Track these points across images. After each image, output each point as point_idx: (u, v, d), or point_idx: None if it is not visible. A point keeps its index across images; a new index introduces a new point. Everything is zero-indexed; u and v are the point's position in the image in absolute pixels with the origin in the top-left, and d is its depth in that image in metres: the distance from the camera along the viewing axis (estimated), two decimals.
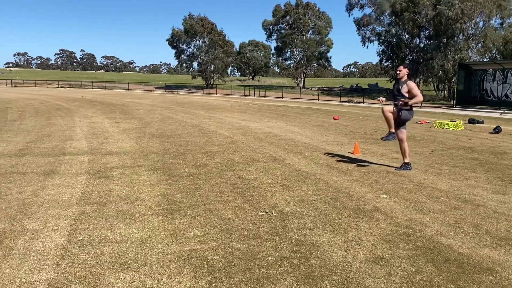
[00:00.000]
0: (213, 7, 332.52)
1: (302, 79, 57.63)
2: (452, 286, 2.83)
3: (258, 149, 8.35)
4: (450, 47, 33.32)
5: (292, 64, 58.81)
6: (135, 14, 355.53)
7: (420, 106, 26.35)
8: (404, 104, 6.27)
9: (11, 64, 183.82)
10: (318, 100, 35.96)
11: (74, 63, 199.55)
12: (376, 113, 20.02)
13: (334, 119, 15.99)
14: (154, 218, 4.10)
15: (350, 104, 30.97)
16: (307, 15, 55.91)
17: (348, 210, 4.44)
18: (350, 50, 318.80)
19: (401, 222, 4.06)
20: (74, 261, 3.12)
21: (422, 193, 5.17)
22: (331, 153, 8.02)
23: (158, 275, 2.93)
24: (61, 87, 61.60)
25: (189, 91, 54.09)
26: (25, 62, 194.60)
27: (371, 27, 42.43)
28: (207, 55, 57.88)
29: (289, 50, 57.45)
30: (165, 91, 53.03)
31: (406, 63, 36.39)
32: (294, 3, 56.12)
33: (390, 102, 6.70)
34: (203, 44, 58.32)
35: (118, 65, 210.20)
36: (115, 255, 3.24)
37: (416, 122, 14.88)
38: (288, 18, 56.11)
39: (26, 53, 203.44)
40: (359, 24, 42.92)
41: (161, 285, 2.79)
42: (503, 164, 7.14)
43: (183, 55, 60.01)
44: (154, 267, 3.05)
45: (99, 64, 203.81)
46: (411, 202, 4.76)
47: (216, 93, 47.82)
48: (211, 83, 59.29)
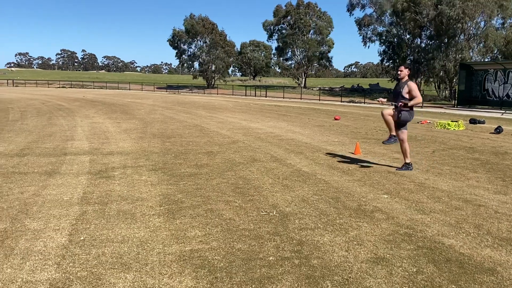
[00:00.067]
0: (214, 7, 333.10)
1: (303, 79, 57.61)
2: (453, 286, 2.83)
3: (259, 149, 8.35)
4: (451, 47, 33.30)
5: (293, 64, 58.80)
6: (136, 14, 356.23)
7: (421, 106, 26.33)
8: (404, 105, 6.29)
9: (12, 64, 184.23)
10: (319, 100, 35.97)
11: (76, 63, 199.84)
12: (377, 113, 20.00)
13: (335, 119, 15.99)
14: (155, 218, 4.10)
15: (351, 104, 30.96)
16: (308, 15, 55.88)
17: (349, 210, 4.44)
18: (351, 50, 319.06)
19: (402, 222, 4.06)
20: (75, 261, 3.12)
21: (423, 193, 5.17)
22: (332, 153, 8.01)
23: (159, 275, 2.93)
24: (62, 87, 61.69)
25: (190, 91, 54.13)
26: (27, 62, 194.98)
27: (372, 27, 42.45)
28: (208, 55, 57.92)
29: (290, 50, 57.42)
30: (166, 91, 53.08)
31: (407, 63, 36.36)
32: (295, 3, 56.12)
33: (390, 103, 6.71)
34: (204, 44, 58.36)
35: (119, 65, 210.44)
36: (116, 255, 3.25)
37: (417, 122, 14.87)
38: (289, 18, 56.08)
39: (27, 53, 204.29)
40: (360, 24, 42.91)
41: (162, 285, 2.79)
42: (505, 164, 7.13)
43: (184, 55, 60.06)
44: (155, 267, 3.05)
45: (100, 64, 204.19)
46: (412, 202, 4.75)
47: (217, 93, 47.85)
48: (212, 83, 59.33)
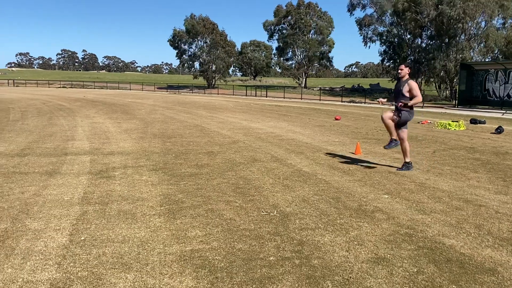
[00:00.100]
0: (215, 7, 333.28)
1: (304, 79, 57.62)
2: (454, 286, 2.82)
3: (260, 149, 8.35)
4: (452, 47, 33.29)
5: (293, 64, 58.81)
6: (136, 14, 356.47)
7: (422, 106, 26.33)
8: (404, 105, 6.27)
9: (13, 64, 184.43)
10: (319, 100, 35.96)
11: (76, 63, 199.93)
12: (377, 113, 20.00)
13: (336, 119, 15.98)
14: (156, 218, 4.11)
15: (351, 104, 30.95)
16: (309, 15, 55.90)
17: (350, 210, 4.44)
18: (352, 50, 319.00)
19: (402, 223, 4.06)
20: (76, 261, 3.12)
21: (424, 193, 5.17)
22: (333, 153, 8.01)
23: (159, 275, 2.93)
24: (63, 87, 61.74)
25: (191, 91, 54.15)
26: (27, 62, 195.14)
27: (372, 27, 42.41)
28: (208, 55, 57.94)
29: (291, 50, 57.43)
30: (167, 91, 53.10)
31: (407, 62, 36.32)
32: (295, 3, 56.12)
33: (390, 103, 6.69)
34: (205, 44, 58.39)
35: (120, 65, 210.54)
36: (116, 255, 3.25)
37: (418, 122, 14.86)
38: (289, 18, 56.10)
39: (28, 53, 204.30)
40: (360, 24, 42.89)
41: (163, 285, 2.79)
42: (505, 165, 7.13)
43: (184, 55, 60.10)
44: (155, 267, 3.05)
45: (101, 64, 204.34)
46: (413, 203, 4.75)
47: (218, 93, 47.86)
48: (213, 83, 59.35)
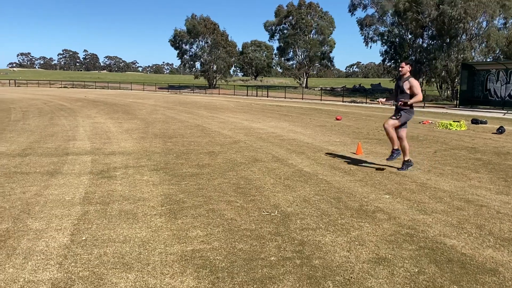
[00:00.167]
0: (216, 7, 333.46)
1: (305, 79, 57.62)
2: (455, 286, 2.82)
3: (261, 149, 8.35)
4: (453, 47, 33.26)
5: (294, 64, 58.81)
6: (137, 14, 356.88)
7: (423, 106, 26.30)
8: (403, 104, 6.23)
9: (14, 64, 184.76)
10: (320, 100, 35.95)
11: (77, 63, 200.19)
12: (379, 113, 19.99)
13: (337, 119, 15.97)
14: (157, 218, 4.11)
15: (352, 104, 30.93)
16: (310, 15, 55.91)
17: (351, 210, 4.44)
18: (353, 50, 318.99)
19: (404, 223, 4.06)
20: (77, 261, 3.13)
21: (425, 193, 5.16)
22: (334, 154, 8.01)
23: (161, 275, 2.94)
24: (64, 87, 61.81)
25: (192, 91, 54.17)
26: (28, 62, 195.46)
27: (374, 27, 42.43)
28: (209, 55, 57.97)
29: (292, 50, 57.45)
30: (168, 91, 53.13)
31: (408, 59, 36.28)
32: (296, 3, 56.15)
33: (390, 103, 6.66)
34: (206, 44, 58.43)
35: (121, 65, 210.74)
36: (118, 255, 3.25)
37: (419, 123, 14.85)
38: (290, 18, 56.11)
39: (29, 53, 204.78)
40: (362, 24, 42.90)
41: (164, 285, 2.79)
42: (507, 165, 7.12)
43: (185, 55, 60.14)
44: (157, 267, 3.06)
45: (102, 64, 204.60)
46: (414, 203, 4.75)
47: (219, 93, 47.87)
48: (214, 83, 59.37)
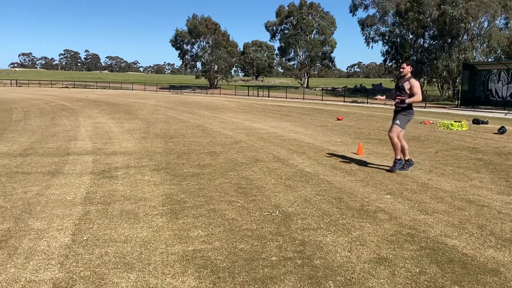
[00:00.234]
0: (217, 8, 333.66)
1: (306, 79, 57.61)
2: (456, 287, 2.82)
3: (262, 149, 8.35)
4: (454, 47, 33.23)
5: (295, 65, 58.79)
6: (138, 15, 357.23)
7: (424, 106, 26.28)
8: (401, 102, 6.20)
9: (16, 65, 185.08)
10: (321, 100, 35.93)
11: (79, 64, 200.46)
12: (380, 114, 19.98)
13: (338, 119, 15.97)
14: (158, 218, 4.11)
15: (354, 104, 30.91)
16: (311, 15, 55.89)
17: (352, 210, 4.44)
18: (354, 50, 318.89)
19: (405, 223, 4.05)
20: (78, 261, 3.13)
21: (426, 193, 5.16)
22: (335, 154, 8.01)
23: (162, 275, 2.94)
24: (66, 87, 61.90)
25: (193, 91, 54.20)
26: (30, 63, 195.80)
27: (375, 27, 42.42)
28: (211, 56, 57.99)
29: (293, 50, 57.43)
30: (169, 91, 53.17)
31: (410, 60, 36.23)
32: (297, 3, 56.15)
33: (388, 100, 6.64)
34: (207, 44, 58.46)
35: (122, 65, 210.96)
36: (119, 254, 3.26)
37: (420, 123, 14.84)
38: (291, 18, 56.08)
39: (30, 53, 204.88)
40: (363, 25, 42.89)
41: (165, 285, 2.80)
42: (508, 165, 7.11)
43: (187, 56, 60.18)
44: (158, 267, 3.06)
45: (103, 65, 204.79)
46: (415, 203, 4.74)
47: (220, 93, 47.88)
48: (215, 83, 59.39)
